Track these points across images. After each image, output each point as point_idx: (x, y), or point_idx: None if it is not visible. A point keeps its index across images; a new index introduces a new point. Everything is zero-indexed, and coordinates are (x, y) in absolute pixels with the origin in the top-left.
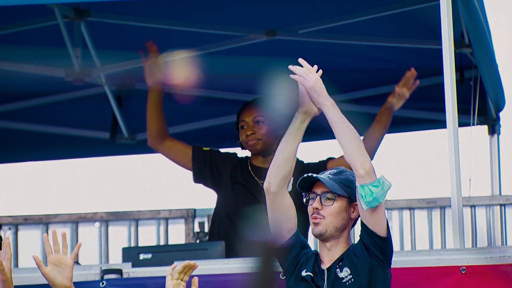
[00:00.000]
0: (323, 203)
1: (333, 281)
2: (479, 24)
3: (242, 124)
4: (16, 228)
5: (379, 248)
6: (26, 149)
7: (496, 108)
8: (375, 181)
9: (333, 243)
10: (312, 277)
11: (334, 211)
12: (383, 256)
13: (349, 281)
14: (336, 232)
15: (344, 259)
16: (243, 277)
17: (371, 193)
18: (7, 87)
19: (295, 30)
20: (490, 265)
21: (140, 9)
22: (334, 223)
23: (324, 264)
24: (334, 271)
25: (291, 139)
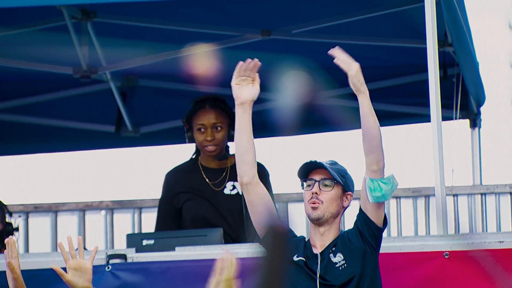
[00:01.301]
0: (321, 189)
1: (327, 265)
2: (460, 26)
3: (200, 127)
4: (26, 216)
5: (374, 237)
6: (36, 141)
7: (477, 103)
8: (385, 179)
9: (327, 228)
10: (304, 261)
11: (332, 197)
12: (376, 244)
13: (342, 266)
14: (331, 217)
15: (338, 245)
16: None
17: (381, 189)
18: (18, 83)
19: (288, 30)
20: (471, 251)
21: (142, 10)
22: (330, 209)
23: (317, 249)
24: (328, 255)
25: (242, 130)
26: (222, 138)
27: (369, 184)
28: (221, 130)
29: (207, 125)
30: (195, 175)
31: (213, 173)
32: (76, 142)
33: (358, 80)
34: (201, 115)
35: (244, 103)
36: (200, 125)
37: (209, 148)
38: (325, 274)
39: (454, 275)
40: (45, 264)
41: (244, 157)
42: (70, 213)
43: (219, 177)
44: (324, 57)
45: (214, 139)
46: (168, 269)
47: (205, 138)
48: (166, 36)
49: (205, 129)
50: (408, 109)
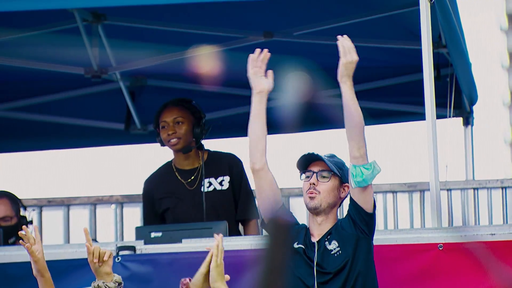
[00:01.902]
0: (319, 180)
1: (323, 252)
2: (453, 28)
3: (163, 124)
4: (40, 210)
5: (365, 222)
6: (49, 138)
7: (470, 102)
8: (367, 164)
9: (324, 218)
10: (303, 249)
11: (329, 187)
12: (368, 230)
13: (337, 253)
14: (328, 207)
15: (333, 233)
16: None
17: (362, 174)
18: (33, 83)
19: (290, 32)
20: (464, 243)
21: (150, 13)
22: (327, 199)
23: (314, 237)
24: (324, 243)
25: (256, 119)
26: (184, 132)
27: (351, 170)
28: (183, 125)
29: (169, 121)
30: (171, 177)
31: (186, 173)
32: (87, 139)
33: (347, 69)
34: (164, 114)
35: (261, 92)
36: (163, 123)
37: (172, 141)
38: (321, 261)
39: (448, 266)
40: (58, 256)
41: (257, 145)
42: (82, 207)
43: (191, 176)
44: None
45: (175, 132)
46: (175, 260)
47: (167, 133)
48: (173, 38)
49: (167, 125)
50: (404, 108)
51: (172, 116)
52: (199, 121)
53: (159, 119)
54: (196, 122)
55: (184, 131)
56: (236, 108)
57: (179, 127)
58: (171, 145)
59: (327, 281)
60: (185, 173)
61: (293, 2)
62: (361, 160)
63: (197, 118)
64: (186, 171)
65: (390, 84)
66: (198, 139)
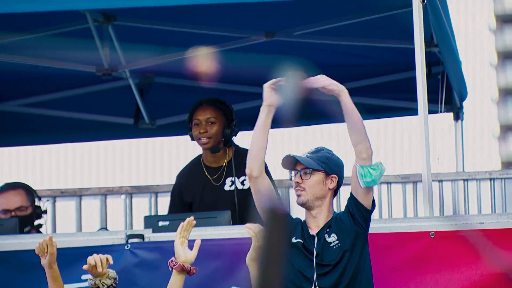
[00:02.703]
0: (302, 178)
1: (323, 245)
2: (444, 28)
3: (196, 122)
4: (54, 200)
5: (364, 218)
6: (63, 132)
7: (460, 98)
8: (374, 165)
9: (317, 211)
10: (302, 243)
11: (312, 183)
12: (365, 225)
13: (336, 245)
14: (317, 200)
15: (332, 226)
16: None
17: (371, 175)
18: (47, 80)
19: (290, 32)
20: (455, 231)
21: (158, 14)
22: (313, 193)
23: (312, 230)
24: (323, 236)
25: (261, 130)
26: (215, 132)
27: (359, 171)
28: (214, 125)
29: (202, 120)
30: (199, 173)
31: (213, 170)
32: (98, 133)
33: (333, 85)
34: (198, 111)
35: (271, 105)
36: (196, 120)
37: (202, 140)
38: (321, 253)
39: (439, 253)
40: (70, 243)
41: (258, 154)
42: (93, 197)
43: (217, 173)
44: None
45: (206, 131)
46: None
47: (199, 131)
48: (179, 38)
49: (200, 124)
50: (398, 104)
51: (206, 116)
52: (230, 122)
53: (193, 116)
54: (228, 123)
55: (215, 131)
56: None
57: (210, 127)
58: (201, 143)
59: (326, 273)
60: (212, 170)
61: (293, 4)
62: (368, 161)
63: (228, 119)
64: (213, 168)
65: (385, 81)
66: (227, 140)
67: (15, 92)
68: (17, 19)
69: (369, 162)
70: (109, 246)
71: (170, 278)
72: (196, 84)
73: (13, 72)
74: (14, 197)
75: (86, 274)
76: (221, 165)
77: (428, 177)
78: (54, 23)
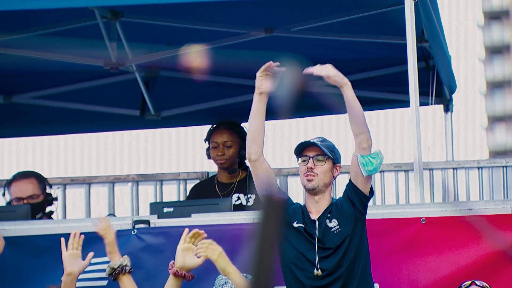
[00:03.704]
0: (315, 163)
1: (324, 229)
2: (434, 25)
3: (214, 145)
4: (64, 187)
5: (362, 204)
6: (72, 123)
7: (450, 91)
8: (373, 154)
9: (321, 196)
10: (304, 227)
11: (324, 170)
12: (364, 210)
13: (337, 230)
14: (325, 187)
15: (333, 211)
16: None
17: (372, 163)
18: (58, 74)
19: (289, 28)
20: (445, 217)
21: (164, 11)
22: (323, 180)
23: (313, 215)
24: (324, 221)
25: (255, 116)
26: (232, 154)
27: (361, 160)
28: (231, 148)
29: (220, 142)
30: (211, 188)
31: (224, 186)
32: (106, 124)
33: (338, 77)
34: (216, 134)
35: (263, 93)
36: (214, 143)
37: (220, 161)
38: (322, 237)
39: (430, 237)
40: (79, 228)
41: (255, 138)
42: (101, 185)
43: (227, 189)
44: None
45: (224, 154)
46: None
47: (217, 153)
48: (182, 33)
49: (218, 146)
50: (391, 96)
51: (223, 139)
52: (244, 143)
53: (211, 138)
54: (243, 145)
55: (232, 153)
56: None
57: (228, 149)
58: (219, 164)
59: (327, 256)
60: (223, 186)
61: (292, 1)
62: (368, 150)
63: (244, 141)
64: (225, 184)
65: (379, 75)
66: (243, 160)
67: (27, 85)
68: (30, 16)
69: (369, 152)
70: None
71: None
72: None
73: (26, 66)
74: (26, 185)
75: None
76: (233, 181)
77: (420, 166)
78: (65, 20)
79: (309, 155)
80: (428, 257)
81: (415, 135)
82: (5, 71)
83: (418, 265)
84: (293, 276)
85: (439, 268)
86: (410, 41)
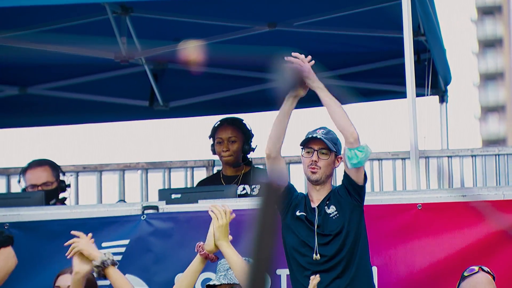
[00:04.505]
0: (319, 157)
1: (323, 216)
2: (430, 19)
3: (219, 140)
4: (76, 175)
5: (357, 193)
6: (84, 114)
7: (445, 83)
8: (360, 147)
9: (322, 186)
10: (305, 215)
11: (328, 163)
12: (360, 198)
13: (335, 216)
14: (327, 178)
15: (331, 198)
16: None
17: (357, 157)
18: (71, 66)
19: (291, 22)
20: (440, 203)
21: (171, 6)
22: (326, 172)
23: (314, 203)
24: (323, 208)
25: (284, 117)
26: (236, 149)
27: (347, 153)
28: (235, 143)
29: (224, 138)
30: (216, 181)
31: (230, 179)
32: (116, 114)
33: (309, 78)
34: (220, 130)
35: (297, 97)
36: (219, 139)
37: (226, 157)
38: (322, 225)
39: (426, 223)
40: (91, 214)
41: (279, 137)
42: (112, 172)
43: (232, 182)
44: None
45: (228, 150)
46: (192, 218)
47: (222, 149)
48: (190, 28)
49: (222, 142)
50: (388, 87)
51: (227, 135)
52: (248, 139)
53: (215, 134)
54: (246, 140)
55: (236, 148)
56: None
57: (232, 145)
58: (224, 159)
59: (327, 243)
60: (229, 179)
61: None
62: (355, 144)
63: (247, 136)
64: (230, 177)
65: (377, 67)
66: (246, 155)
67: (41, 77)
68: (45, 12)
69: (357, 145)
70: (126, 216)
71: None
72: (206, 70)
73: (40, 59)
74: (41, 173)
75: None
76: (238, 174)
77: (416, 154)
78: (78, 15)
79: (314, 148)
80: (424, 241)
81: (412, 125)
82: (21, 64)
83: (414, 249)
84: (296, 262)
85: (434, 251)
86: (407, 35)
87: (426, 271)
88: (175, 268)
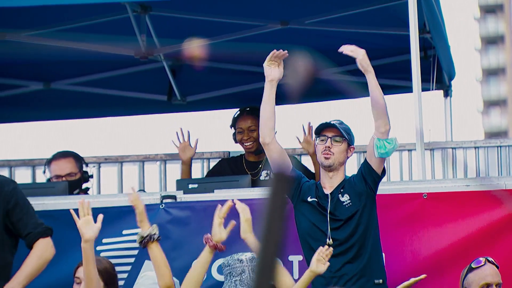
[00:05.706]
0: (333, 143)
1: (336, 203)
2: (436, 17)
3: (240, 130)
4: (98, 166)
5: (374, 182)
6: (106, 108)
7: (449, 78)
8: (389, 139)
9: (335, 173)
10: (317, 201)
11: (340, 150)
12: (375, 188)
13: (348, 204)
14: (339, 165)
15: (345, 187)
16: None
17: (385, 147)
18: (93, 62)
19: (302, 20)
20: (445, 192)
21: (188, 5)
22: (339, 159)
23: (327, 190)
24: (337, 195)
25: (267, 102)
26: (256, 137)
27: (376, 143)
28: (255, 131)
29: (244, 128)
30: (240, 166)
31: (253, 165)
32: (136, 108)
33: (365, 63)
34: (240, 120)
35: (273, 80)
36: (239, 128)
37: (247, 145)
38: (334, 210)
39: (431, 211)
40: (112, 203)
41: (267, 123)
42: (132, 164)
43: (256, 168)
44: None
45: (249, 138)
46: (209, 207)
47: (243, 137)
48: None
49: (243, 131)
50: (395, 82)
51: (247, 125)
52: None
53: (236, 124)
54: None
55: (256, 135)
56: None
57: (252, 133)
58: (246, 147)
59: (338, 227)
60: (252, 164)
61: None
62: (386, 135)
63: None
64: (253, 163)
65: (384, 63)
66: None
67: (65, 73)
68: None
69: (386, 136)
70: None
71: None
72: (222, 66)
73: (64, 56)
74: (65, 164)
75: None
76: (261, 160)
77: (421, 146)
78: (100, 13)
79: (328, 135)
80: (429, 229)
81: (418, 118)
82: (45, 61)
83: (420, 237)
84: (309, 246)
85: (439, 239)
86: (413, 33)
87: (432, 258)
88: (192, 254)
